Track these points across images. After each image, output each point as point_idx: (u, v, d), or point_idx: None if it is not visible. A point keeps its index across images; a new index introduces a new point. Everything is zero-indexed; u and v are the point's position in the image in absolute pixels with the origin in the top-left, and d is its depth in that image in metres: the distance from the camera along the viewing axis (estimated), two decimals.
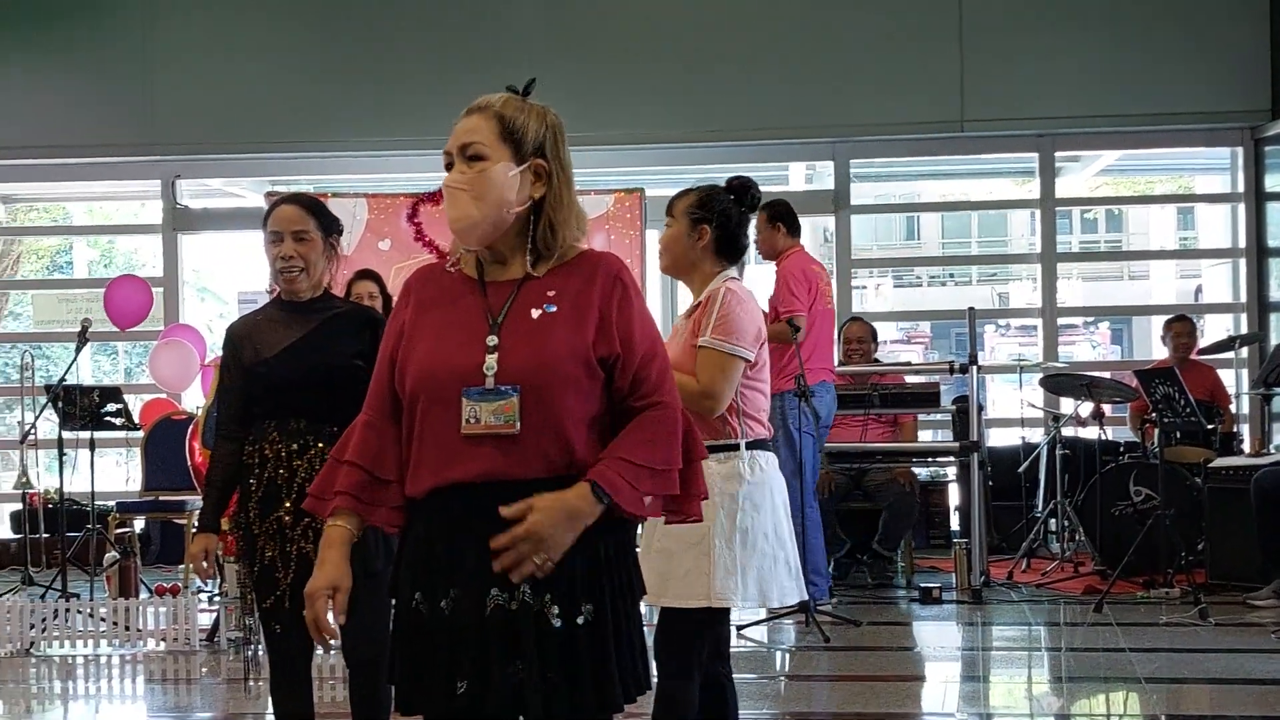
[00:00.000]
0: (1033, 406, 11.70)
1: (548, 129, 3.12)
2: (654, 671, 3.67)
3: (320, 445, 4.50)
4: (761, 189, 4.75)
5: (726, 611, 4.48)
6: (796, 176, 13.72)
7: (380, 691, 4.60)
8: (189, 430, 10.19)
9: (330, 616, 3.16)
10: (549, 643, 2.96)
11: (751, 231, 4.66)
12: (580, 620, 2.98)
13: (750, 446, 4.48)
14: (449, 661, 3.01)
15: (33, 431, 10.60)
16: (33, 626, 8.27)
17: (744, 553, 4.40)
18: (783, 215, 8.97)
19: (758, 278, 9.24)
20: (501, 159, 3.07)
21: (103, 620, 8.32)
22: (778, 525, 4.49)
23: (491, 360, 3.00)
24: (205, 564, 4.66)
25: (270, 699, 4.72)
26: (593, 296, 3.04)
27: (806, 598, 4.60)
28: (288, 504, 4.49)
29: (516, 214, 3.09)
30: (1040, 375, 11.30)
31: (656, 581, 4.30)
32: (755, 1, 12.23)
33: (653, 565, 4.30)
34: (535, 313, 3.04)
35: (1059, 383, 10.86)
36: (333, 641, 3.20)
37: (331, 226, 4.66)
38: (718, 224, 4.57)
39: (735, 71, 12.01)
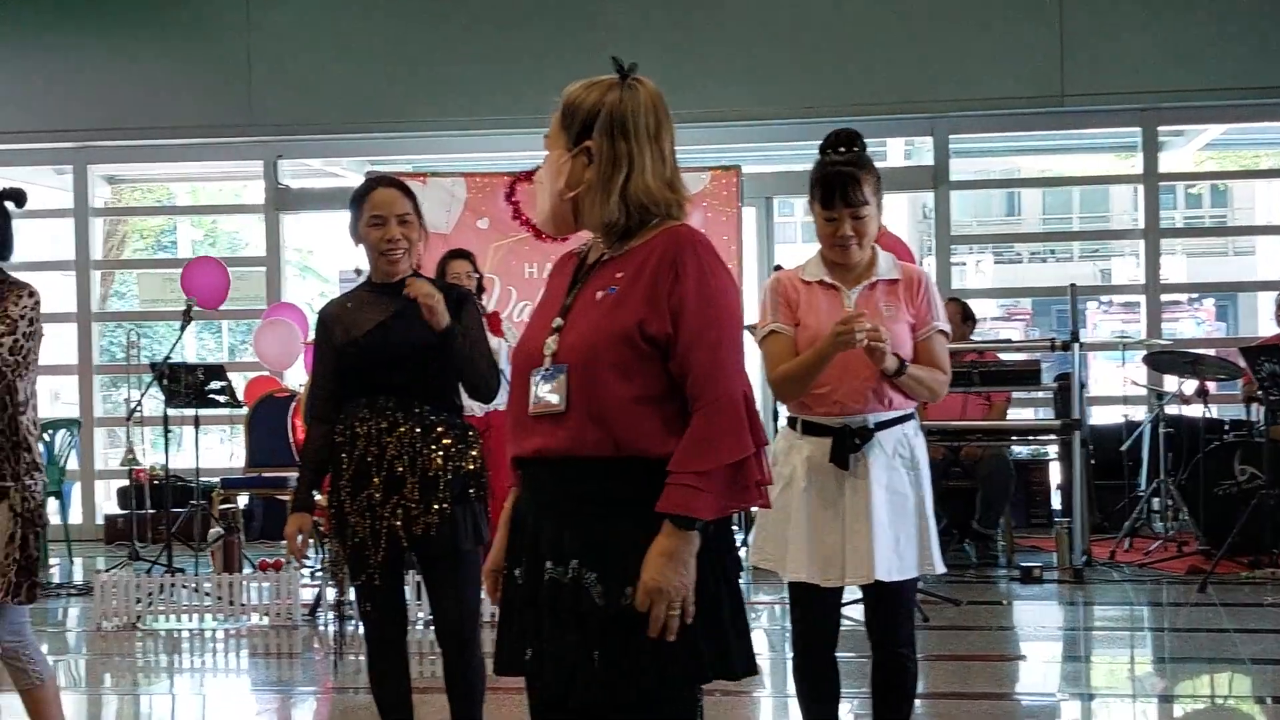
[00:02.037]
0: (1135, 384, 11.55)
1: (602, 108, 3.04)
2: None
3: (410, 424, 4.54)
4: None
5: (823, 591, 4.42)
6: (895, 152, 13.63)
7: (473, 665, 4.65)
8: (291, 407, 10.31)
9: None
10: (593, 621, 2.95)
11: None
12: (625, 601, 2.93)
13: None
14: (520, 629, 3.07)
15: (139, 409, 10.77)
16: (139, 601, 8.40)
17: (804, 528, 4.38)
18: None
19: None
20: (556, 147, 3.10)
21: (207, 595, 8.44)
22: (863, 501, 4.35)
23: (551, 341, 3.05)
24: (300, 542, 4.71)
25: (368, 674, 4.77)
26: (646, 275, 2.99)
27: (913, 575, 4.49)
28: (377, 481, 4.54)
29: (571, 199, 3.09)
30: (1143, 352, 11.16)
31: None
32: None
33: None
34: (599, 294, 3.03)
35: (1162, 360, 10.70)
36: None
37: (420, 208, 4.72)
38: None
39: (833, 47, 11.92)
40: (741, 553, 3.61)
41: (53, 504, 10.79)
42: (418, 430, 4.53)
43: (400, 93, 12.29)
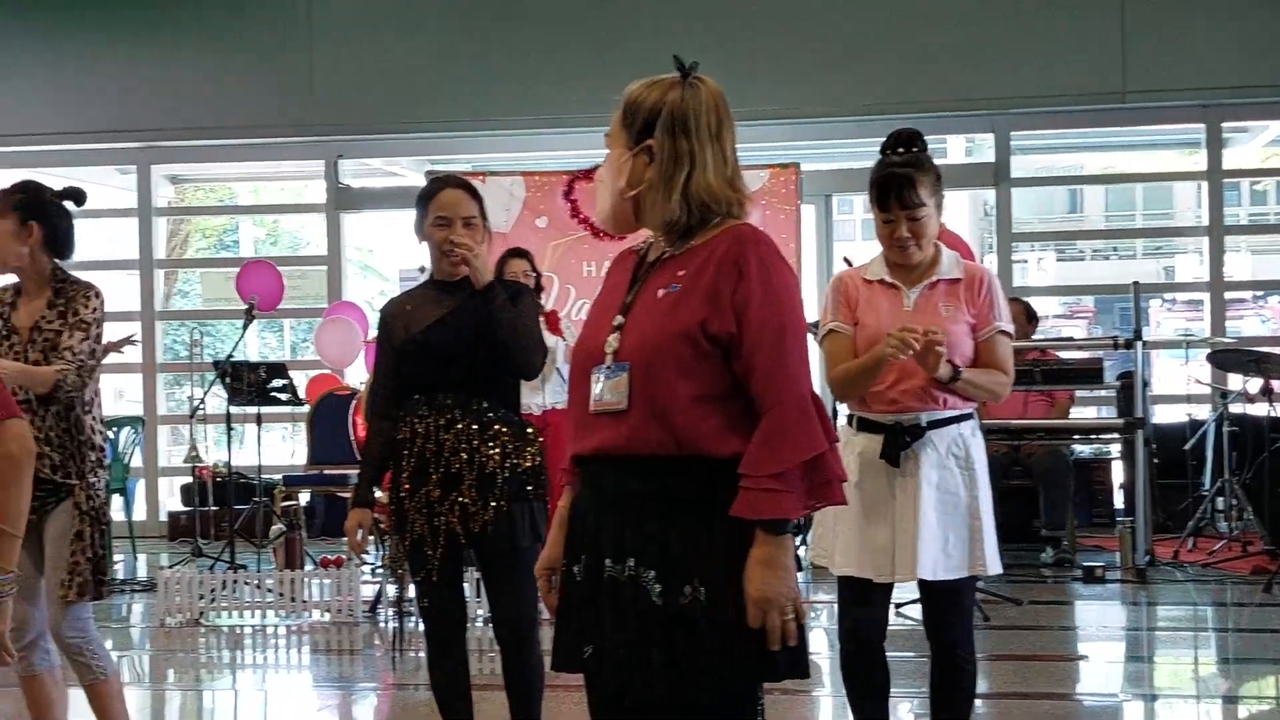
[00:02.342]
0: (1199, 382, 11.45)
1: (664, 107, 3.03)
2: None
3: (467, 421, 4.56)
4: None
5: (873, 587, 4.42)
6: (956, 149, 13.55)
7: (531, 662, 4.67)
8: (352, 405, 10.38)
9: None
10: (651, 620, 2.93)
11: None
12: (684, 600, 2.92)
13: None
14: (579, 626, 3.06)
15: (201, 407, 10.85)
16: (202, 597, 8.47)
17: (855, 524, 4.41)
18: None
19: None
20: (617, 145, 3.09)
21: (269, 591, 8.50)
22: (912, 500, 4.35)
23: (613, 339, 3.04)
24: (359, 538, 4.74)
25: (428, 671, 4.79)
26: (709, 273, 2.98)
27: (961, 575, 4.46)
28: (435, 477, 4.56)
29: (632, 198, 3.08)
30: (1207, 350, 11.06)
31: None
32: None
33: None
34: (660, 292, 3.02)
35: (1227, 358, 10.60)
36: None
37: (485, 210, 4.74)
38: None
39: (892, 43, 11.86)
40: (800, 551, 3.60)
41: (117, 501, 10.89)
42: (475, 427, 4.54)
43: (460, 92, 12.32)
